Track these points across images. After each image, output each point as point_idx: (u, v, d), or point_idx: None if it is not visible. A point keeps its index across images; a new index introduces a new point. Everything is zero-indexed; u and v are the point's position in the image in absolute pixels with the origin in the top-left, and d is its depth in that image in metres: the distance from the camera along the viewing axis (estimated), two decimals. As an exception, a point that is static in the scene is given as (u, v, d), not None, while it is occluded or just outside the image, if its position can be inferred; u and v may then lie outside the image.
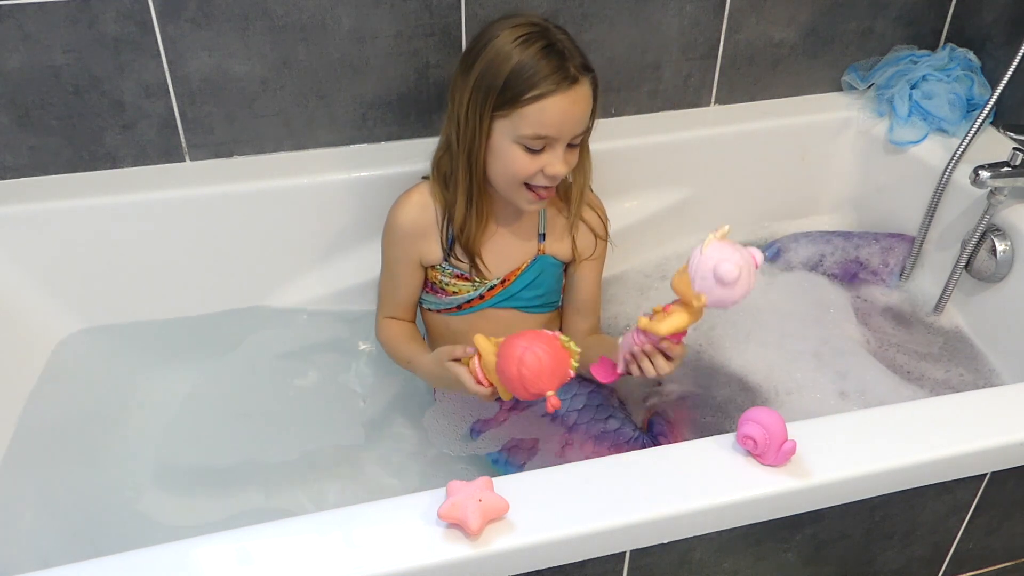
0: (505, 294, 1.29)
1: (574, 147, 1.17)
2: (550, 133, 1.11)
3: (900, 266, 1.61)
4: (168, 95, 1.40)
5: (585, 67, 1.13)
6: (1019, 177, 1.39)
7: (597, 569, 0.93)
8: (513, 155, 1.13)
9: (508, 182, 1.17)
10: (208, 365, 1.45)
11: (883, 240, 1.64)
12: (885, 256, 1.62)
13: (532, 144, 1.12)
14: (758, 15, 1.58)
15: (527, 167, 1.14)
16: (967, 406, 1.06)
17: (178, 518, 1.24)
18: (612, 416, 1.27)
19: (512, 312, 1.31)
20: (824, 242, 1.65)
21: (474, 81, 1.12)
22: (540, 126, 1.11)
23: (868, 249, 1.63)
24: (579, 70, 1.11)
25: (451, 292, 1.30)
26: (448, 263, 1.28)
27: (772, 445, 0.92)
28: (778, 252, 1.64)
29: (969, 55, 1.64)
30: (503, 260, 1.28)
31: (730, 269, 0.96)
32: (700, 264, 0.98)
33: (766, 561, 1.03)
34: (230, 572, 0.83)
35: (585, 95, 1.13)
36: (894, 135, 1.61)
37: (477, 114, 1.13)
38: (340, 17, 1.39)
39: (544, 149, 1.13)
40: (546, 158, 1.13)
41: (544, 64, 1.09)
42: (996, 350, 1.49)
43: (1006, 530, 1.15)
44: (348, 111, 1.48)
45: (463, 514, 0.84)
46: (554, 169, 1.14)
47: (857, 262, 1.63)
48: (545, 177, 1.15)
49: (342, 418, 1.38)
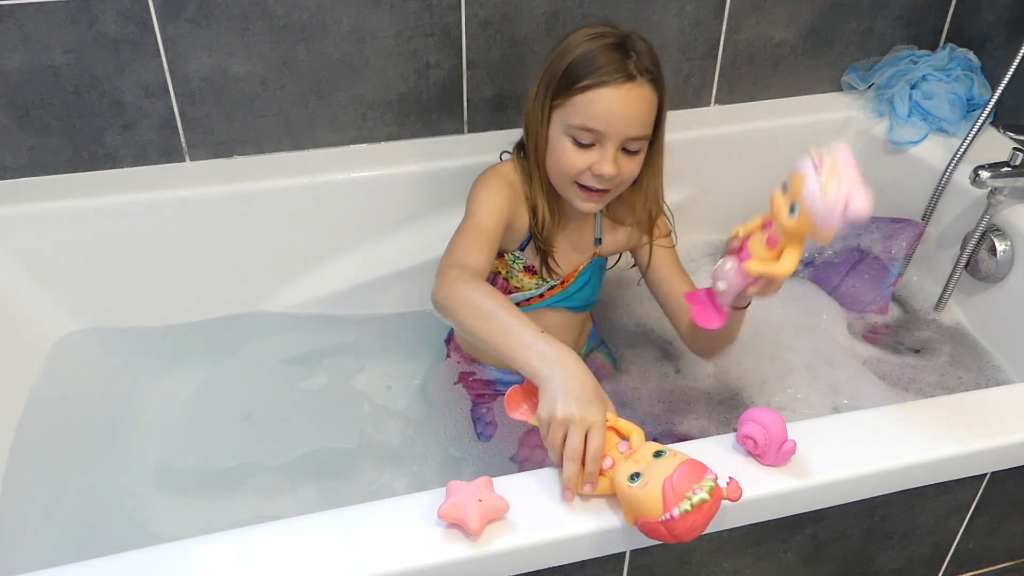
0: (563, 295, 1.27)
1: (631, 153, 1.12)
2: (598, 127, 1.08)
3: (904, 253, 1.60)
4: (168, 95, 1.40)
5: (650, 72, 1.09)
6: (1019, 177, 1.39)
7: (597, 569, 0.93)
8: (563, 147, 1.12)
9: (560, 177, 1.15)
10: (208, 366, 1.45)
11: (886, 227, 1.63)
12: (888, 243, 1.60)
13: (581, 137, 1.10)
14: (758, 15, 1.58)
15: (575, 162, 1.11)
16: (967, 406, 1.06)
17: (176, 520, 1.24)
18: None
19: (564, 313, 1.29)
20: None
21: (543, 71, 1.13)
22: (588, 117, 1.08)
23: (869, 237, 1.61)
24: (640, 71, 1.08)
25: (514, 287, 1.26)
26: (522, 253, 1.24)
27: (772, 445, 0.92)
28: None
29: (969, 55, 1.64)
30: (566, 260, 1.26)
31: (862, 207, 0.83)
32: (828, 197, 0.83)
33: (766, 561, 1.03)
34: (230, 572, 0.83)
35: (642, 96, 1.09)
36: (894, 135, 1.61)
37: (539, 102, 1.13)
38: (340, 17, 1.39)
39: (594, 146, 1.10)
40: (595, 155, 1.10)
41: (605, 55, 1.08)
42: (996, 350, 1.49)
43: (1006, 530, 1.15)
44: (348, 111, 1.48)
45: (463, 514, 0.84)
46: (601, 168, 1.10)
47: (859, 249, 1.62)
48: (593, 176, 1.12)
49: (342, 420, 1.38)
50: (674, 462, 0.83)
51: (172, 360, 1.46)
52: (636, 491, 0.83)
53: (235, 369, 1.44)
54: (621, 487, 0.85)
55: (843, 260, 1.61)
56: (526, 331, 0.95)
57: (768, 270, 0.94)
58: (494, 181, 1.19)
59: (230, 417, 1.37)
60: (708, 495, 0.81)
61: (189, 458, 1.32)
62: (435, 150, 1.51)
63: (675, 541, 0.82)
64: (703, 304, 1.06)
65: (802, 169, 0.87)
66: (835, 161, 0.84)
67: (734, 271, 0.98)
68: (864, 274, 1.59)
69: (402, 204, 1.49)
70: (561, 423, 0.88)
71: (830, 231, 0.85)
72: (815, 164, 0.86)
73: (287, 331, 1.50)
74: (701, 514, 0.81)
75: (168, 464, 1.31)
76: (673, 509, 0.80)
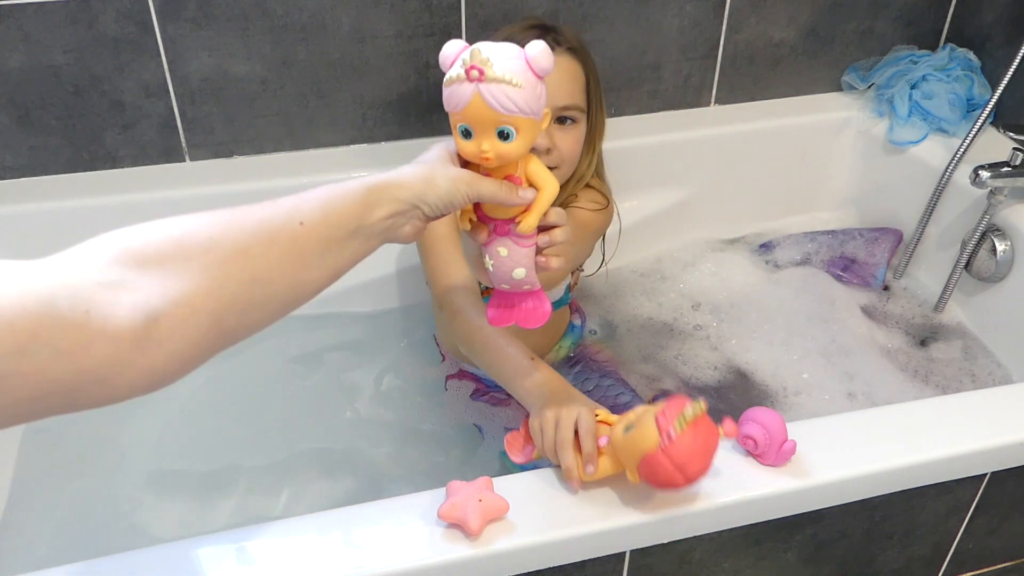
0: None
1: (563, 125, 1.16)
2: None
3: (887, 259, 1.61)
4: (168, 95, 1.40)
5: (571, 45, 1.16)
6: (1019, 177, 1.39)
7: (597, 569, 0.93)
8: None
9: None
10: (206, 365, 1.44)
11: (867, 234, 1.64)
12: (871, 248, 1.62)
13: None
14: (758, 15, 1.58)
15: None
16: (967, 406, 1.06)
17: (175, 520, 1.24)
18: (622, 392, 1.28)
19: None
20: (809, 241, 1.65)
21: None
22: None
23: (852, 244, 1.64)
24: (559, 43, 1.14)
25: None
26: None
27: (772, 445, 0.92)
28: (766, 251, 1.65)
29: (969, 55, 1.64)
30: None
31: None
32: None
33: (766, 561, 1.03)
34: (230, 572, 0.83)
35: (564, 66, 1.13)
36: (894, 135, 1.62)
37: None
38: (340, 17, 1.39)
39: None
40: None
41: (524, 35, 1.11)
42: (996, 350, 1.49)
43: (1006, 530, 1.15)
44: (348, 111, 1.48)
45: (463, 514, 0.84)
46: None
47: (843, 258, 1.63)
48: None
49: (341, 419, 1.38)
50: (664, 403, 0.86)
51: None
52: (632, 435, 0.84)
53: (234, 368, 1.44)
54: (618, 440, 0.87)
55: (830, 268, 1.62)
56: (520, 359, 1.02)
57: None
58: None
59: (229, 417, 1.37)
60: (700, 410, 0.83)
61: (187, 458, 1.32)
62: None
63: (683, 480, 0.83)
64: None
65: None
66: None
67: (513, 246, 0.81)
68: (852, 281, 1.61)
69: (402, 204, 1.49)
70: (550, 420, 0.91)
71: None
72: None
73: (285, 330, 1.49)
74: (698, 433, 0.83)
75: (166, 464, 1.31)
76: (669, 429, 0.82)
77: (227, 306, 0.62)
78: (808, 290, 1.56)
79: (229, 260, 0.62)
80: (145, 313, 0.56)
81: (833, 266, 1.62)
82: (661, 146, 1.59)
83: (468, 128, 0.76)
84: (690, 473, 0.83)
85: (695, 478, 0.84)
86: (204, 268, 0.61)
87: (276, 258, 0.65)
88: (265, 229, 0.65)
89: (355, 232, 0.70)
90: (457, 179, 0.76)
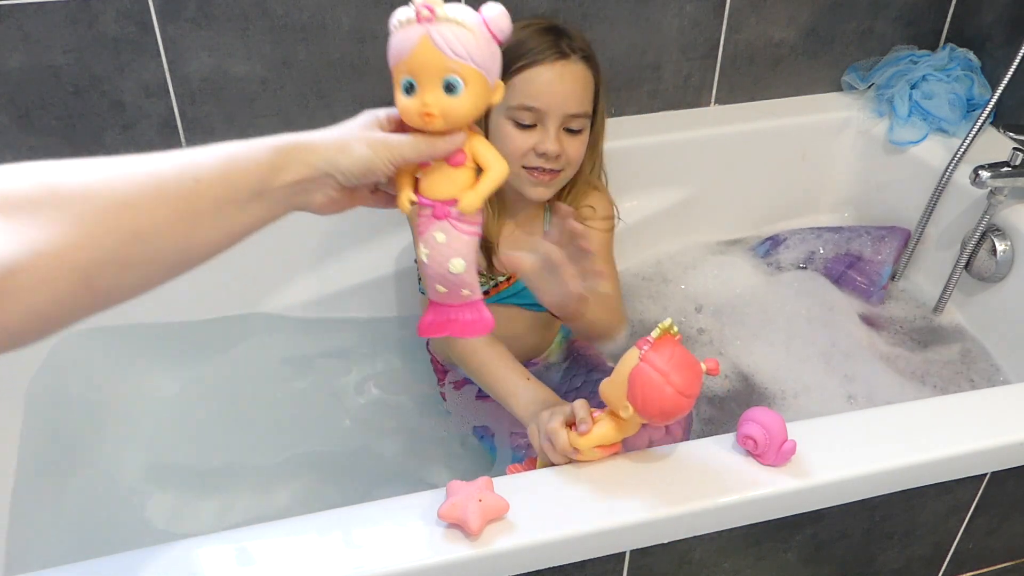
0: (509, 291, 1.28)
1: (573, 133, 1.15)
2: (537, 104, 1.11)
3: (893, 258, 1.61)
4: (168, 95, 1.40)
5: (583, 52, 1.14)
6: (1019, 177, 1.39)
7: (597, 569, 0.93)
8: (505, 131, 1.13)
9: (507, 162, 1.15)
10: (205, 366, 1.45)
11: (874, 232, 1.64)
12: (877, 247, 1.61)
13: (521, 117, 1.12)
14: (758, 15, 1.58)
15: (519, 144, 1.13)
16: (967, 406, 1.06)
17: (173, 519, 1.24)
18: None
19: (515, 309, 1.29)
20: (815, 237, 1.65)
21: None
22: (526, 96, 1.11)
23: (859, 241, 1.63)
24: (573, 49, 1.12)
25: None
26: None
27: (772, 445, 0.92)
28: (768, 251, 1.65)
29: (969, 55, 1.64)
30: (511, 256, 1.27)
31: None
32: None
33: (766, 561, 1.03)
34: (230, 572, 0.83)
35: (577, 72, 1.13)
36: (894, 135, 1.61)
37: None
38: (340, 17, 1.39)
39: (536, 126, 1.12)
40: (537, 135, 1.12)
41: (538, 39, 1.12)
42: (996, 350, 1.49)
43: (1006, 530, 1.15)
44: (348, 111, 1.46)
45: (463, 514, 0.84)
46: (544, 146, 1.12)
47: (849, 255, 1.62)
48: (537, 156, 1.13)
49: (340, 420, 1.38)
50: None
51: (170, 359, 1.46)
52: (616, 370, 0.86)
53: (233, 369, 1.45)
54: (606, 388, 0.88)
55: (835, 266, 1.62)
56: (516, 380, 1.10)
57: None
58: None
59: (227, 417, 1.38)
60: (675, 329, 0.84)
61: (186, 458, 1.32)
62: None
63: (672, 390, 0.82)
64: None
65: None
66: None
67: (452, 231, 0.73)
68: (856, 278, 1.60)
69: (402, 204, 1.49)
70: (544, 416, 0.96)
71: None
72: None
73: (283, 332, 1.50)
74: (678, 347, 0.83)
75: (165, 464, 1.32)
76: (647, 339, 0.83)
77: (101, 262, 0.55)
78: (808, 293, 1.56)
79: (109, 212, 0.55)
80: (0, 263, 0.50)
81: (838, 263, 1.62)
82: (661, 146, 1.59)
83: (411, 80, 0.69)
84: (676, 382, 0.81)
85: (684, 390, 0.82)
86: (77, 218, 0.54)
87: (164, 215, 0.58)
88: (154, 182, 0.58)
89: (258, 195, 0.64)
90: (377, 143, 0.67)
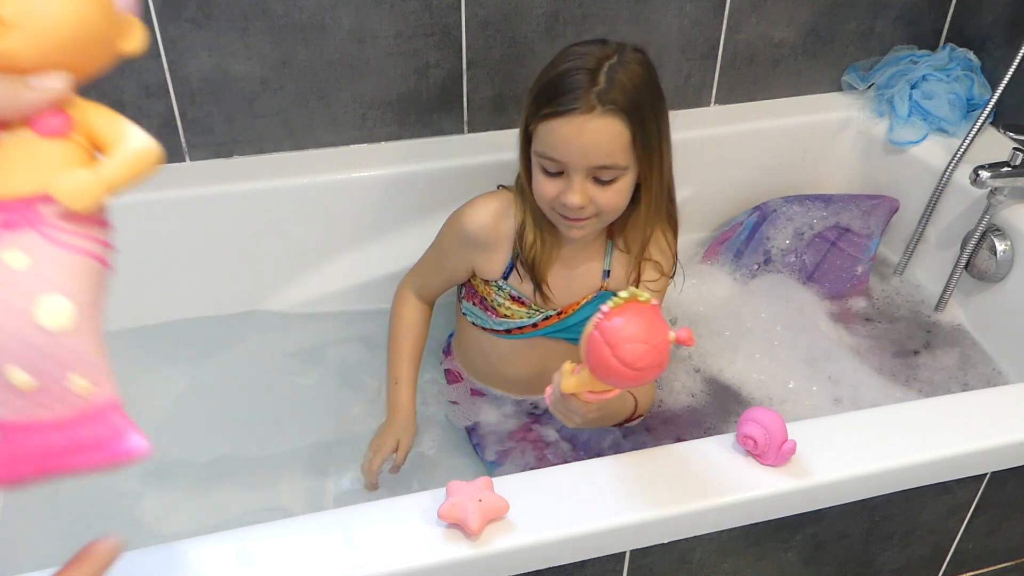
0: (560, 325, 1.21)
1: (605, 183, 1.05)
2: (557, 156, 1.03)
3: (880, 229, 1.60)
4: (168, 95, 1.40)
5: (615, 104, 1.01)
6: (1019, 177, 1.39)
7: (597, 569, 0.93)
8: (536, 174, 1.08)
9: (540, 204, 1.10)
10: (207, 364, 1.45)
11: (863, 203, 1.62)
12: (866, 219, 1.60)
13: (547, 165, 1.05)
14: (758, 15, 1.58)
15: (548, 190, 1.06)
16: (967, 406, 1.06)
17: (173, 520, 1.24)
18: (610, 431, 1.27)
19: (563, 344, 1.22)
20: (800, 207, 1.62)
21: (532, 84, 1.08)
22: (547, 146, 1.04)
23: (847, 213, 1.61)
24: (603, 101, 1.00)
25: (503, 314, 1.21)
26: (506, 282, 1.19)
27: (772, 445, 0.92)
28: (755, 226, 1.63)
29: (969, 55, 1.64)
30: (565, 291, 1.19)
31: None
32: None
33: (766, 561, 1.03)
34: (230, 572, 0.83)
35: (602, 127, 1.01)
36: (894, 135, 1.62)
37: (522, 123, 1.09)
38: (340, 17, 1.39)
39: (562, 174, 1.05)
40: (562, 184, 1.05)
41: (569, 82, 1.02)
42: (996, 350, 1.49)
43: (1006, 530, 1.15)
44: (348, 111, 1.48)
45: (463, 514, 0.84)
46: (566, 199, 1.04)
47: (837, 227, 1.61)
48: (562, 206, 1.06)
49: (341, 419, 1.38)
50: None
51: (172, 358, 1.46)
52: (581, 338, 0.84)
53: (234, 367, 1.45)
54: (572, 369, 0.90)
55: (823, 238, 1.61)
56: (392, 372, 1.28)
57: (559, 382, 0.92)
58: (454, 229, 1.20)
59: (229, 415, 1.37)
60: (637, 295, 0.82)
61: (186, 456, 1.32)
62: (435, 150, 1.51)
63: (616, 362, 0.79)
64: None
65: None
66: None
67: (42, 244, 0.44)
68: (844, 251, 1.59)
69: (402, 204, 1.49)
70: (386, 444, 1.20)
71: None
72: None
73: (286, 330, 1.50)
74: (636, 316, 0.80)
75: (164, 462, 1.31)
76: (603, 307, 0.81)
77: None
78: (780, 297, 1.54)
79: None
80: None
81: (827, 236, 1.60)
82: (661, 146, 1.58)
83: None
84: (622, 355, 0.79)
85: (630, 362, 0.79)
86: None
87: None
88: None
89: None
90: None
